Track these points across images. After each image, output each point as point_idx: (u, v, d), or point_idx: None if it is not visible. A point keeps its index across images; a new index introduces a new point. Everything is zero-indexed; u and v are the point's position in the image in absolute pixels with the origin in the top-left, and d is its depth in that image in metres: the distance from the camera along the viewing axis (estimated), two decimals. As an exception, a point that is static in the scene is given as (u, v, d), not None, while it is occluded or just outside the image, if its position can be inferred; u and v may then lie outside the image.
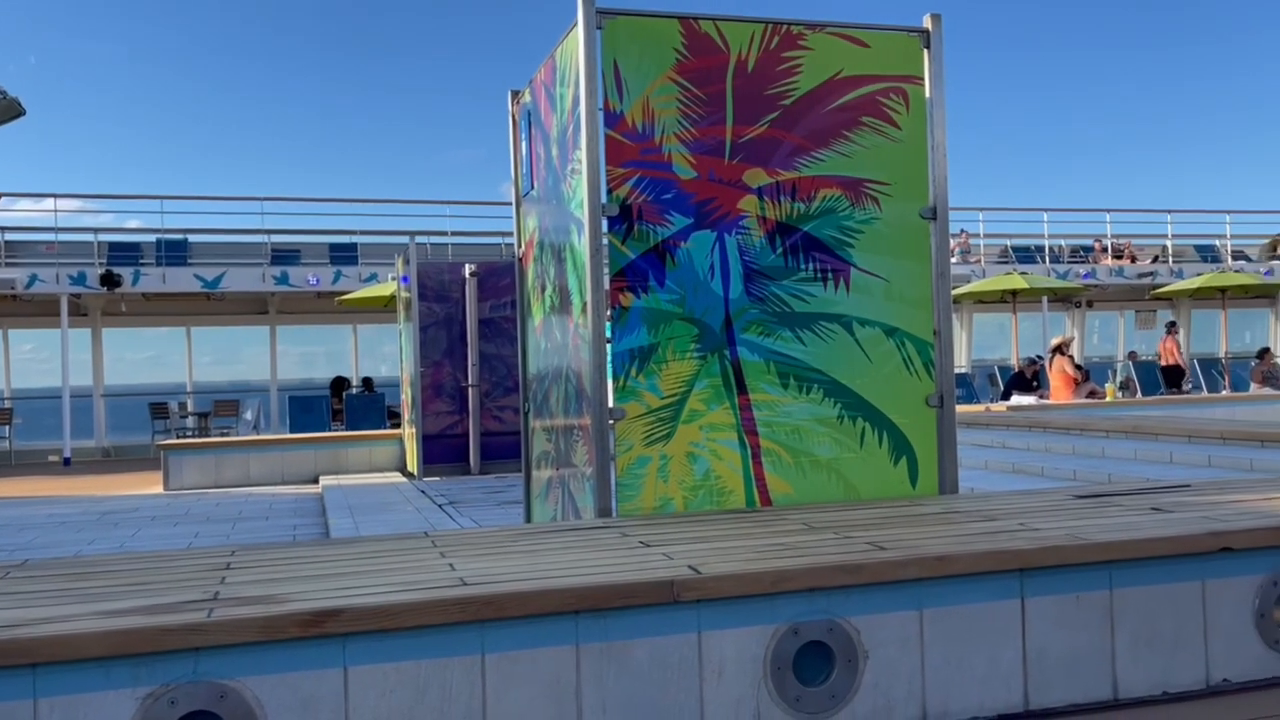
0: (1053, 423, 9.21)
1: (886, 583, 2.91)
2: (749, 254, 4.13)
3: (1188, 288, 19.01)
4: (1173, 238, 22.00)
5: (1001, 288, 17.56)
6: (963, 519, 3.59)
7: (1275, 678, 3.17)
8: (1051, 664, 3.02)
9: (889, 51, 4.28)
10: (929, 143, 4.30)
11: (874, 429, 4.22)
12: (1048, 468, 7.19)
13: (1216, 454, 6.92)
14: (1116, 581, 3.09)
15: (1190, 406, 12.91)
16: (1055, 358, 14.29)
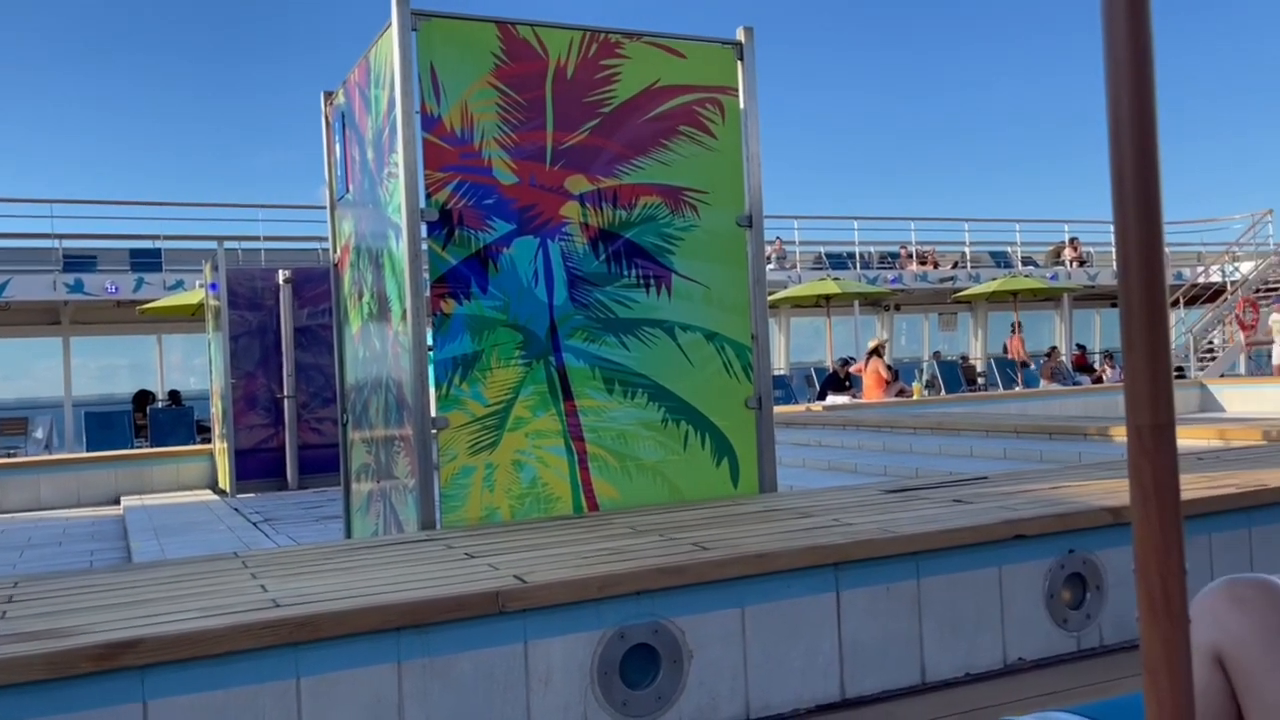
0: (865, 421, 9.65)
1: (710, 582, 2.96)
2: (572, 260, 4.13)
3: (984, 291, 20.31)
4: (970, 245, 23.48)
5: (816, 292, 18.28)
6: (781, 516, 3.70)
7: (1064, 654, 3.42)
8: (866, 653, 3.15)
9: (704, 62, 4.37)
10: (744, 153, 4.42)
11: (697, 431, 4.30)
12: (861, 464, 7.53)
13: (1011, 447, 7.41)
14: (923, 571, 3.26)
15: (988, 403, 13.79)
16: (871, 359, 14.98)
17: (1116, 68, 1.03)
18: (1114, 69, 1.03)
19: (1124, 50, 1.01)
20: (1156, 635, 1.00)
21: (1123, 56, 1.02)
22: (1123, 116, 1.01)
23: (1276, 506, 3.87)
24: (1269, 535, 3.86)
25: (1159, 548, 1.01)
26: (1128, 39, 1.01)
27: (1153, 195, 1.00)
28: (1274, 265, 20.23)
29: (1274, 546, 3.86)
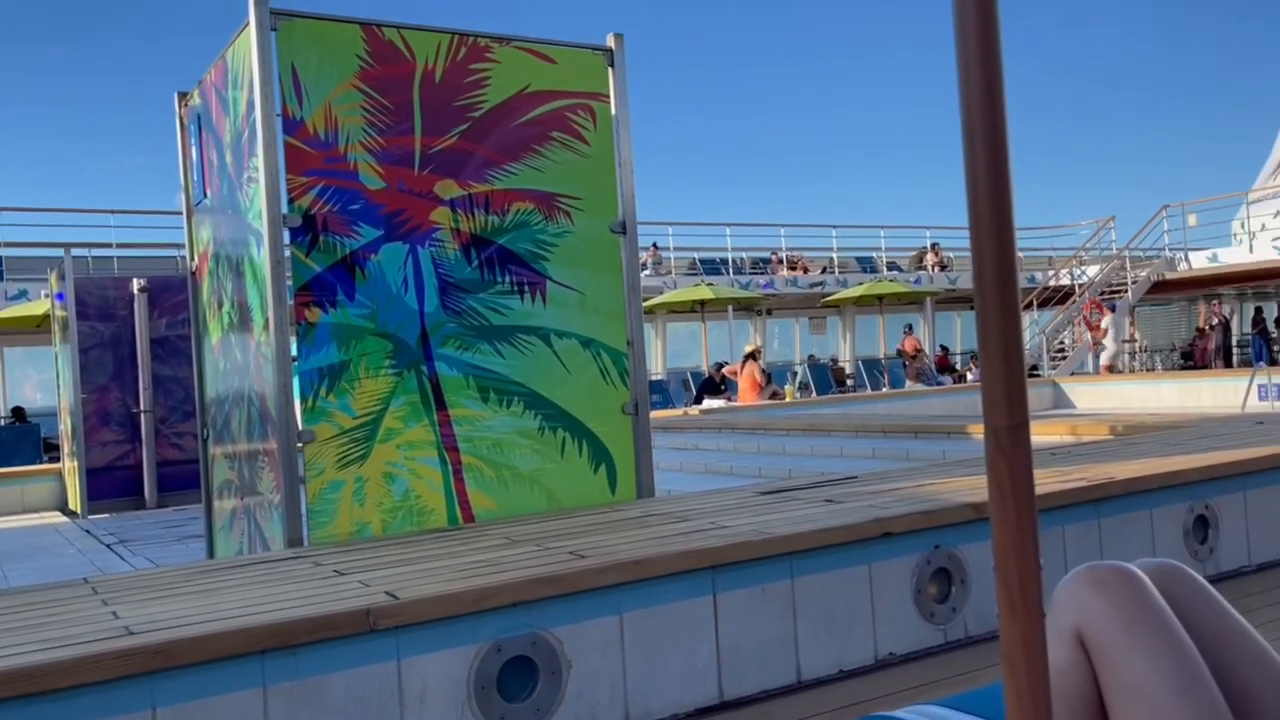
0: (740, 424, 9.80)
1: (587, 591, 2.94)
2: (444, 267, 4.06)
3: (851, 295, 20.95)
4: (837, 250, 24.17)
5: (691, 298, 18.52)
6: (659, 521, 3.71)
7: (931, 647, 3.53)
8: (743, 655, 3.18)
9: (575, 68, 4.36)
10: (616, 159, 4.43)
11: (574, 439, 4.28)
12: (736, 466, 7.65)
13: (880, 446, 7.64)
14: (797, 571, 3.31)
15: (857, 403, 14.21)
16: (747, 363, 15.24)
17: (969, 82, 1.05)
18: (966, 83, 1.06)
19: (975, 66, 1.04)
20: (1015, 629, 1.03)
21: (974, 73, 1.05)
22: (975, 130, 1.04)
23: (1122, 498, 4.09)
24: (1116, 526, 4.07)
25: (1016, 544, 1.04)
26: (978, 55, 1.04)
27: (1004, 207, 1.03)
28: (1117, 269, 21.47)
29: (1121, 536, 4.08)
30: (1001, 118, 1.04)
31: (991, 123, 1.03)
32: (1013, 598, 1.02)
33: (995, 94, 1.04)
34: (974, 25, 1.05)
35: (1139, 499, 4.15)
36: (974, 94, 1.04)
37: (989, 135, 1.03)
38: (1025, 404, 1.05)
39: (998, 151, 1.04)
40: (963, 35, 1.05)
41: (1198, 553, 4.29)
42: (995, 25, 1.05)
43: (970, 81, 1.05)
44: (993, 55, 1.04)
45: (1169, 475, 4.25)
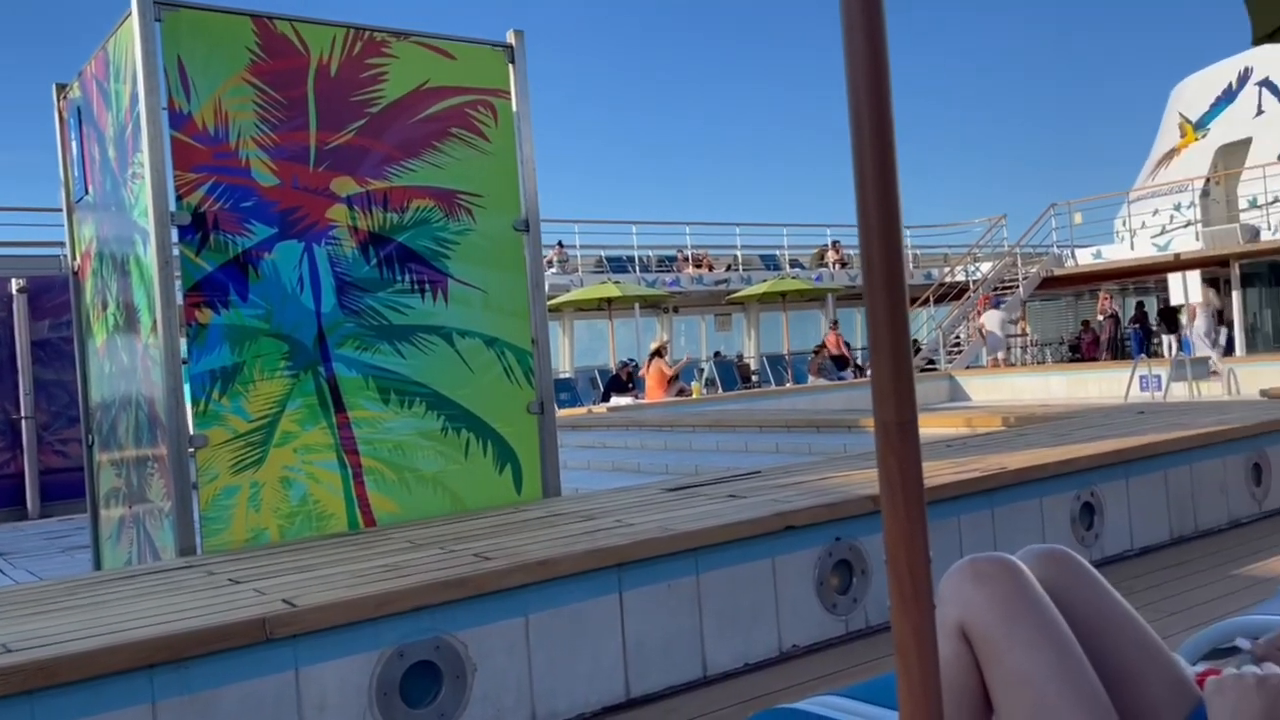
0: (647, 421, 9.83)
1: (492, 593, 2.91)
2: (341, 265, 3.97)
3: (756, 293, 21.20)
4: (742, 248, 24.44)
5: (597, 296, 18.52)
6: (565, 521, 3.70)
7: (834, 637, 3.59)
8: (649, 652, 3.19)
9: (475, 64, 4.31)
10: (518, 156, 4.39)
11: (478, 439, 4.23)
12: (644, 463, 7.67)
13: (783, 441, 7.76)
14: (702, 567, 3.34)
15: (761, 399, 14.40)
16: (654, 360, 15.29)
17: (856, 90, 1.07)
18: (854, 87, 1.07)
19: (862, 69, 1.06)
20: (906, 622, 1.05)
21: (861, 76, 1.06)
22: (864, 139, 1.05)
23: (1014, 488, 4.23)
24: (1008, 514, 4.21)
25: (906, 537, 1.06)
26: (865, 57, 1.06)
27: (892, 214, 1.05)
28: (1009, 265, 22.20)
29: (1012, 524, 4.22)
30: (888, 125, 1.06)
31: (879, 131, 1.05)
32: (904, 591, 1.04)
33: (882, 102, 1.06)
34: (860, 29, 1.07)
35: (1030, 488, 4.30)
36: (862, 103, 1.06)
37: (877, 144, 1.05)
38: (914, 401, 1.07)
39: (885, 160, 1.05)
40: (850, 37, 1.07)
41: (1084, 538, 4.46)
42: (882, 30, 1.07)
43: (858, 90, 1.06)
44: (879, 62, 1.06)
45: (1057, 465, 4.41)
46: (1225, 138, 22.44)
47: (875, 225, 1.06)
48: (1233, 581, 4.14)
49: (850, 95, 1.06)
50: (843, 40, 1.08)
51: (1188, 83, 24.72)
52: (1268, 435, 5.36)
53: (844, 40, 1.07)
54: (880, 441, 1.06)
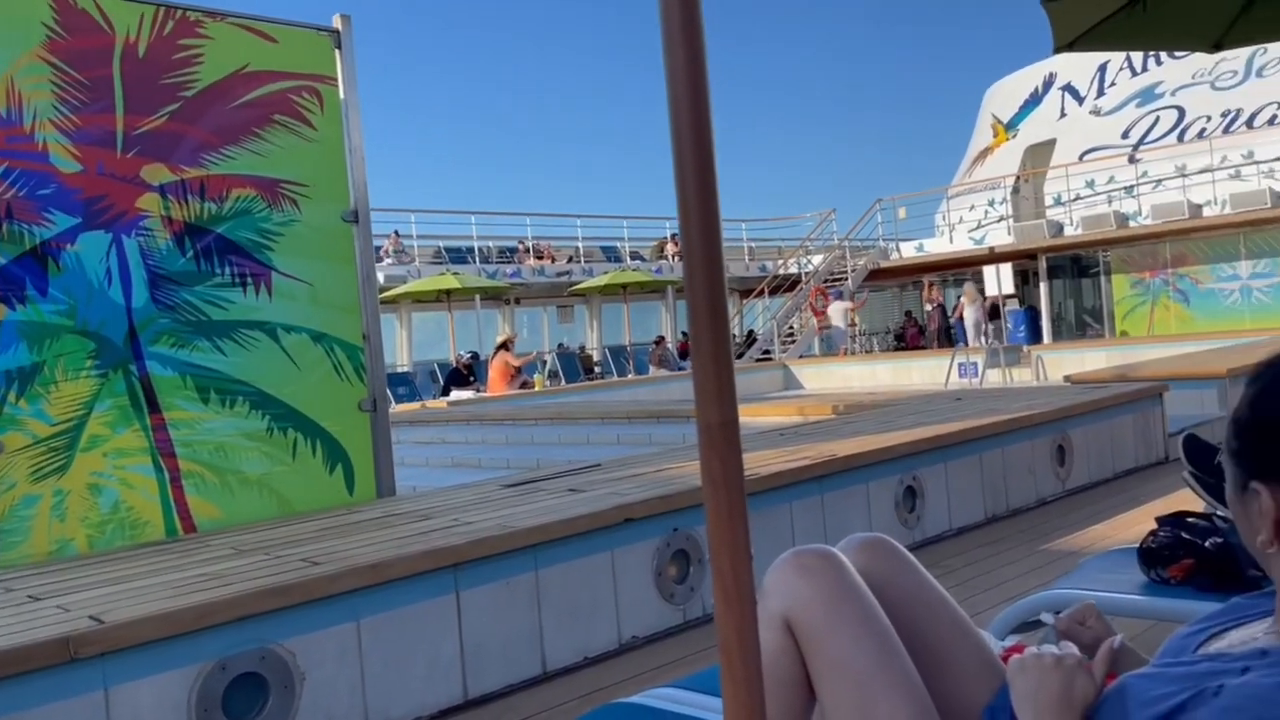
0: (488, 415, 9.72)
1: (322, 599, 2.81)
2: (154, 258, 3.74)
3: (597, 285, 21.28)
4: (583, 240, 24.48)
5: (436, 288, 18.16)
6: (400, 521, 3.61)
7: (672, 627, 3.64)
8: (488, 651, 3.15)
9: (299, 49, 4.14)
10: (346, 145, 4.24)
11: (306, 439, 4.08)
12: (485, 459, 7.57)
13: (625, 432, 7.81)
14: (541, 563, 3.32)
15: (604, 391, 14.47)
16: (499, 353, 15.11)
17: (675, 83, 1.07)
18: (673, 84, 1.07)
19: (681, 68, 1.06)
20: (729, 618, 1.06)
21: (680, 75, 1.06)
22: (684, 147, 1.05)
23: (843, 474, 4.39)
24: (837, 499, 4.37)
25: (729, 536, 1.07)
26: (684, 57, 1.06)
27: (712, 219, 1.05)
28: (838, 258, 23.06)
29: (841, 509, 4.38)
30: (707, 129, 1.06)
31: (697, 135, 1.05)
32: (727, 589, 1.05)
33: (700, 102, 1.06)
34: (679, 25, 1.06)
35: (857, 474, 4.47)
36: (681, 106, 1.06)
37: (696, 150, 1.05)
38: (734, 401, 1.08)
39: (704, 166, 1.06)
40: (668, 36, 1.06)
41: (907, 521, 4.68)
42: (699, 28, 1.07)
43: (677, 92, 1.06)
44: (696, 56, 1.06)
45: (882, 451, 4.60)
46: (1033, 138, 23.97)
47: (695, 233, 1.06)
48: (1040, 557, 4.42)
49: (671, 104, 1.06)
50: (662, 42, 1.07)
51: (999, 86, 26.27)
52: (1070, 419, 5.76)
53: (663, 42, 1.07)
54: (703, 442, 1.07)
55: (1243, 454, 1.00)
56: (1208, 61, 20.21)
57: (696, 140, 1.05)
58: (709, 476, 1.07)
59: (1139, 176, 20.57)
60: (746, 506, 1.08)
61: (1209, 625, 1.11)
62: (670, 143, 1.06)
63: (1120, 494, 5.67)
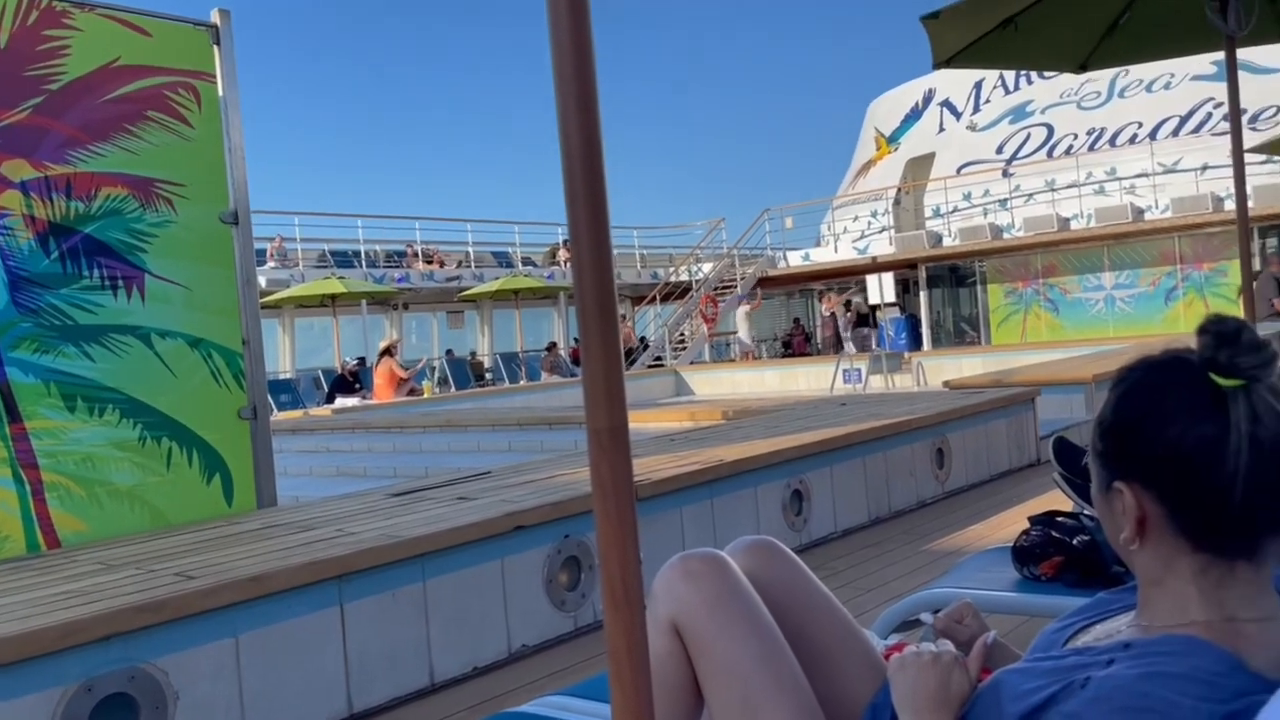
0: (374, 423, 9.52)
1: (196, 615, 2.70)
2: (15, 259, 3.54)
3: (488, 290, 21.08)
4: (473, 245, 24.23)
5: (321, 292, 17.71)
6: (281, 532, 3.50)
7: (563, 634, 3.62)
8: (373, 664, 3.08)
9: (175, 44, 3.98)
10: (225, 144, 4.10)
11: (182, 448, 3.92)
12: (371, 468, 7.41)
13: (516, 439, 7.75)
14: (429, 573, 3.26)
15: (495, 397, 14.34)
16: (383, 359, 14.80)
17: (564, 91, 1.06)
18: (562, 92, 1.07)
19: (570, 76, 1.05)
20: (618, 624, 1.06)
21: (569, 82, 1.06)
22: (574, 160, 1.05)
23: (731, 478, 4.44)
24: (726, 503, 4.42)
25: (618, 542, 1.07)
26: (573, 70, 1.05)
27: (601, 228, 1.05)
28: (728, 266, 23.40)
29: (730, 513, 4.43)
30: (596, 135, 1.06)
31: (587, 149, 1.05)
32: (615, 594, 1.05)
33: (589, 108, 1.06)
34: (568, 38, 1.06)
35: (745, 478, 4.54)
36: (570, 112, 1.05)
37: (585, 156, 1.05)
38: (623, 406, 1.08)
39: (593, 173, 1.05)
40: (557, 48, 1.06)
41: (794, 524, 4.77)
42: (588, 42, 1.07)
43: (566, 100, 1.06)
44: (586, 69, 1.06)
45: (770, 455, 4.68)
46: (913, 152, 24.79)
47: (585, 243, 1.05)
48: (922, 557, 4.56)
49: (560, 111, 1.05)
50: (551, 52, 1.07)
51: (882, 100, 27.09)
52: (948, 423, 5.96)
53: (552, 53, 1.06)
54: (593, 448, 1.06)
55: (1106, 455, 1.04)
56: (1074, 82, 21.26)
57: (585, 146, 1.05)
58: (598, 482, 1.06)
59: (1012, 190, 21.49)
60: (636, 512, 1.08)
61: (1076, 620, 1.16)
62: (559, 150, 1.06)
63: (995, 495, 5.89)
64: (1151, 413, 1.00)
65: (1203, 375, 0.96)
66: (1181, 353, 1.00)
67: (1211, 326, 0.98)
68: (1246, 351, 0.94)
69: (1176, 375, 0.99)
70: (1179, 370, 0.99)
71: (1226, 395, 0.94)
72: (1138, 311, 18.87)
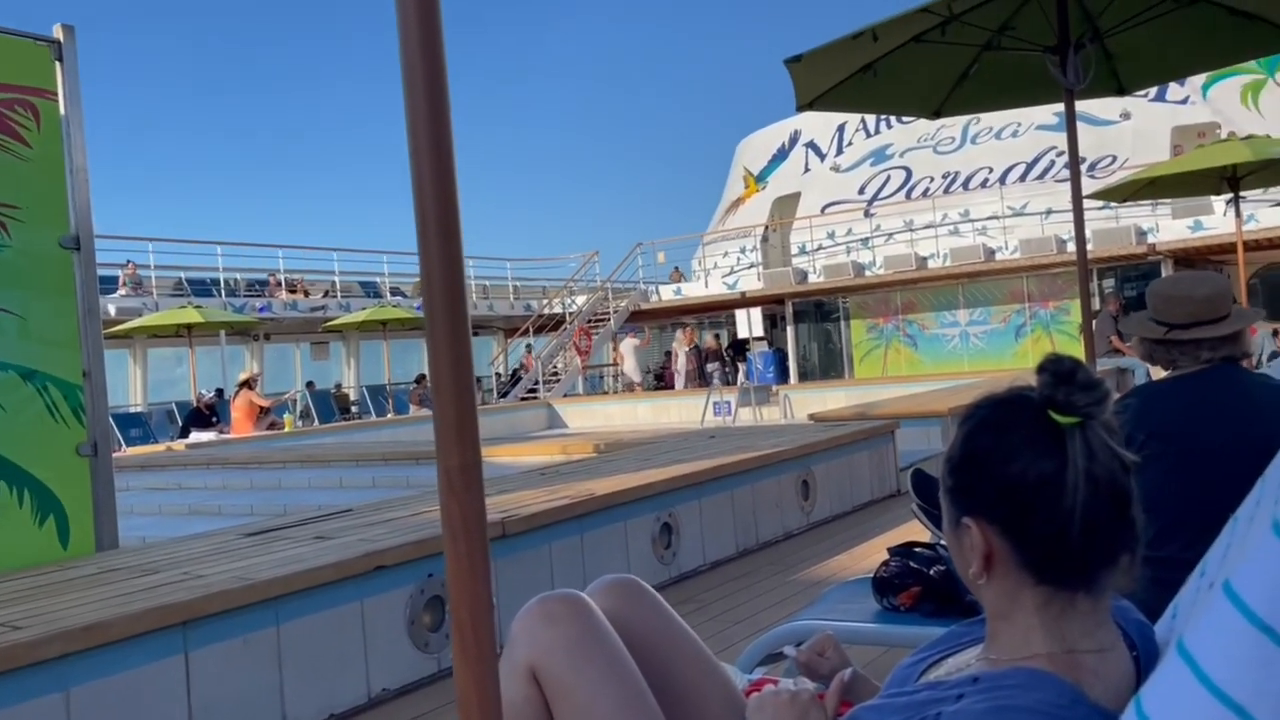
0: (231, 458, 9.12)
1: (22, 668, 2.50)
2: None
3: (355, 321, 20.56)
4: (340, 274, 23.63)
5: (176, 322, 16.94)
6: (121, 577, 3.29)
7: (425, 677, 3.51)
8: (220, 715, 2.91)
9: (13, 59, 3.75)
10: (67, 165, 3.88)
11: (11, 488, 3.65)
12: (225, 506, 7.07)
13: (380, 475, 7.54)
14: (283, 616, 3.11)
15: (360, 431, 13.96)
16: (241, 391, 14.23)
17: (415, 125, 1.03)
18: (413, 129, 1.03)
19: (423, 118, 1.02)
20: (467, 672, 1.01)
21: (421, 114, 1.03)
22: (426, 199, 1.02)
23: (601, 513, 4.42)
24: (596, 538, 4.38)
25: (469, 585, 1.02)
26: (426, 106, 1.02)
27: (454, 261, 1.02)
28: (601, 299, 23.49)
29: (600, 548, 4.40)
30: (450, 175, 1.03)
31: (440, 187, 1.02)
32: (465, 640, 1.01)
33: (443, 149, 1.03)
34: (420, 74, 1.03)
35: (616, 512, 4.52)
36: (422, 154, 1.02)
37: (439, 200, 1.02)
38: (476, 443, 1.04)
39: (446, 203, 1.02)
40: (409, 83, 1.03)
41: (663, 557, 4.77)
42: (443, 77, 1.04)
43: (418, 141, 1.03)
44: (439, 104, 1.03)
45: (640, 489, 4.67)
46: (780, 190, 25.50)
47: (437, 278, 1.02)
48: (788, 587, 4.62)
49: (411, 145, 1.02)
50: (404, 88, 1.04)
51: (750, 140, 27.82)
52: (813, 455, 6.08)
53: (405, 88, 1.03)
54: (443, 487, 1.02)
55: (954, 491, 1.06)
56: (930, 128, 22.29)
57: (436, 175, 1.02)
58: (448, 524, 1.02)
59: (873, 230, 22.31)
60: (489, 555, 1.04)
61: (929, 654, 1.17)
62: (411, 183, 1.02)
63: (859, 525, 6.04)
64: (994, 450, 1.02)
65: (1042, 413, 0.99)
66: (1023, 390, 1.03)
67: (1049, 365, 1.01)
68: (1081, 390, 0.98)
69: (1018, 413, 1.02)
70: (1020, 408, 1.02)
71: (1064, 433, 0.97)
72: (990, 347, 19.79)
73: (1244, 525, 1.17)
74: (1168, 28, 4.11)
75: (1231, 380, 2.37)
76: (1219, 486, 2.37)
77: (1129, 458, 0.98)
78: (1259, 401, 2.35)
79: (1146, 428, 2.41)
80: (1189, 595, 1.24)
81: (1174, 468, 2.41)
